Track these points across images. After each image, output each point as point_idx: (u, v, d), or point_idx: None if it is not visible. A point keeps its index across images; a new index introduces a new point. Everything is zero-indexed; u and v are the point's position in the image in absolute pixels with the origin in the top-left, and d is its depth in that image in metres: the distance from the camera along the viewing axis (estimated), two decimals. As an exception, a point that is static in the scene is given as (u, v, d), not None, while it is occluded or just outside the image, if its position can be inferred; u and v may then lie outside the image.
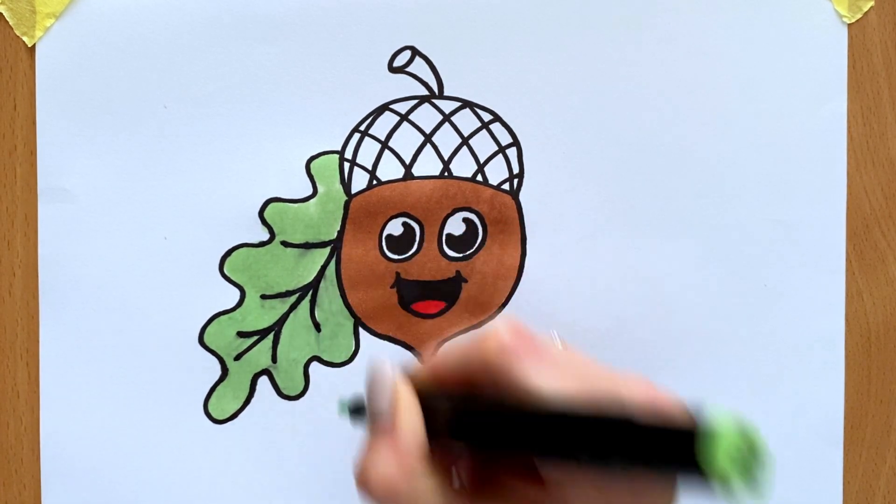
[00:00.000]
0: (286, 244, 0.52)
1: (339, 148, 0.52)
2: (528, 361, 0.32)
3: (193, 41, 0.51)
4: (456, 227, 0.53)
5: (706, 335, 0.54)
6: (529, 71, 0.52)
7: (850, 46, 0.54)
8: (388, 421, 0.34)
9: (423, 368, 0.36)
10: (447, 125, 0.52)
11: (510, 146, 0.53)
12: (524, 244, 0.53)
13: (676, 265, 0.54)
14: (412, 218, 0.52)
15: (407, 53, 0.52)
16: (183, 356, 0.52)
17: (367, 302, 0.53)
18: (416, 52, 0.52)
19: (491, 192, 0.53)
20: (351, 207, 0.52)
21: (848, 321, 0.55)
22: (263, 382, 0.53)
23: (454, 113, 0.52)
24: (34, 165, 0.51)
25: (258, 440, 0.53)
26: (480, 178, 0.53)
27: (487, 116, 0.52)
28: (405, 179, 0.52)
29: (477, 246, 0.53)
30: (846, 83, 0.54)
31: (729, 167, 0.54)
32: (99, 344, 0.52)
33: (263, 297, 0.52)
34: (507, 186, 0.53)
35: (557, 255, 0.53)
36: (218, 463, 0.52)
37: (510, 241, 0.53)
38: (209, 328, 0.52)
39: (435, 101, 0.52)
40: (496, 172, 0.53)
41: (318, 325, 0.53)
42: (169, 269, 0.52)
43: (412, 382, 0.35)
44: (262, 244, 0.52)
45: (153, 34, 0.50)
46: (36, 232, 0.51)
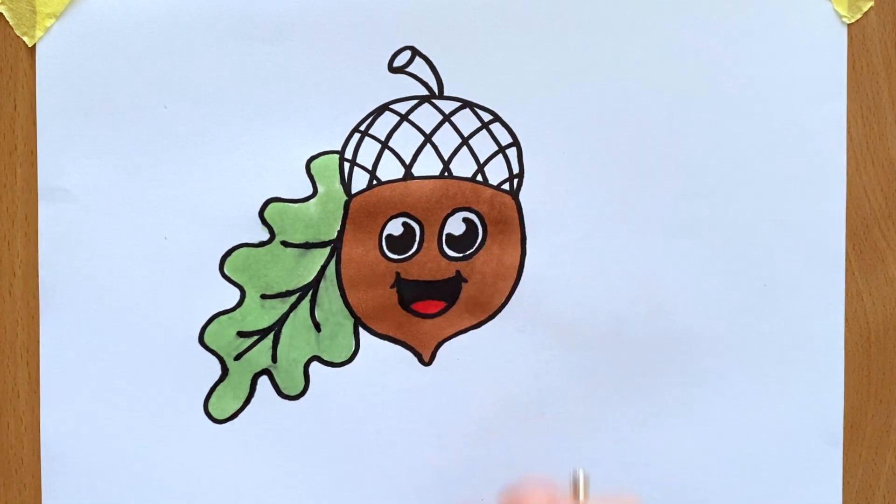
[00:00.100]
0: (286, 244, 0.52)
1: (339, 148, 0.52)
2: None
3: (193, 41, 0.51)
4: (456, 226, 0.53)
5: (706, 335, 0.54)
6: (529, 71, 0.52)
7: (849, 46, 0.54)
8: None
9: None
10: (447, 125, 0.52)
11: (510, 146, 0.53)
12: (524, 244, 0.53)
13: (676, 265, 0.54)
14: (412, 218, 0.52)
15: (407, 53, 0.52)
16: (183, 356, 0.52)
17: (367, 302, 0.53)
18: (416, 52, 0.52)
19: (491, 192, 0.53)
20: (351, 207, 0.52)
21: (848, 321, 0.55)
22: (263, 382, 0.53)
23: (454, 113, 0.52)
24: (34, 165, 0.51)
25: (258, 440, 0.53)
26: (480, 178, 0.53)
27: (487, 116, 0.52)
28: (405, 179, 0.52)
29: (477, 246, 0.53)
30: (846, 83, 0.54)
31: (729, 167, 0.54)
32: (99, 344, 0.52)
33: (263, 296, 0.52)
34: (507, 186, 0.53)
35: (557, 255, 0.53)
36: (218, 463, 0.52)
37: (510, 241, 0.53)
38: (209, 328, 0.52)
39: (435, 101, 0.52)
40: (496, 172, 0.53)
41: (318, 324, 0.53)
42: (169, 269, 0.52)
43: None
44: (262, 244, 0.52)
45: (153, 34, 0.50)
46: (36, 232, 0.51)
